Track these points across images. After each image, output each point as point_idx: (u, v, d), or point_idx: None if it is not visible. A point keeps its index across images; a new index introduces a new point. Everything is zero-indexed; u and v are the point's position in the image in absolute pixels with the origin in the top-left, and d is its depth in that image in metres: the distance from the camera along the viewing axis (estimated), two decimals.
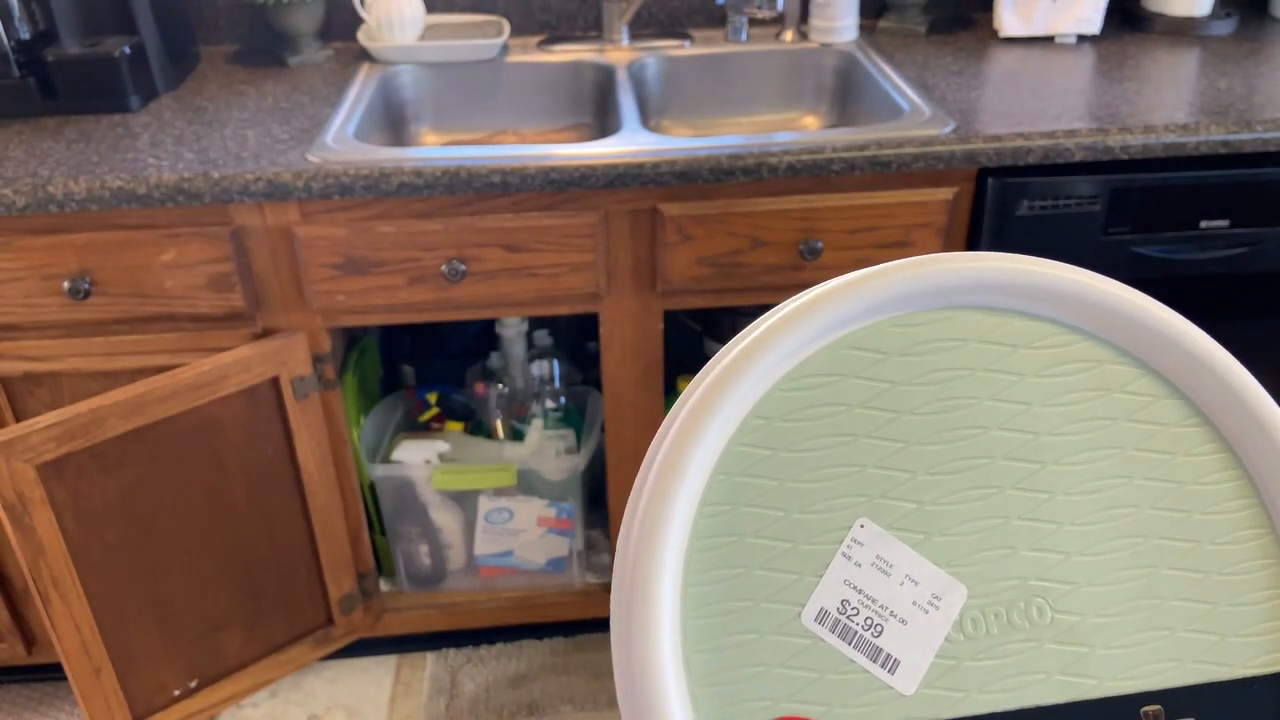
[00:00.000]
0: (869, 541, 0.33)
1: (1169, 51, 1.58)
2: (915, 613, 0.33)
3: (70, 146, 1.31)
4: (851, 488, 0.34)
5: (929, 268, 0.34)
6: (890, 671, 0.33)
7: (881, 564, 0.33)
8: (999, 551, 0.33)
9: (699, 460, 0.33)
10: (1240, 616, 0.33)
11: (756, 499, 0.33)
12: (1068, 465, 0.34)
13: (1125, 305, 0.34)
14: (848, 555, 0.33)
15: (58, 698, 1.65)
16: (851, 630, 0.33)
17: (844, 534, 0.33)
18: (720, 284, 1.35)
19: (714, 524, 0.33)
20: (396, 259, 1.30)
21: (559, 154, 1.26)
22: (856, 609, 0.33)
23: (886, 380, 0.34)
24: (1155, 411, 0.35)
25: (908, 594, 0.33)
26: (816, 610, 0.33)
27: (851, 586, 0.33)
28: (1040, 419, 0.34)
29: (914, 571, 0.33)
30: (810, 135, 1.31)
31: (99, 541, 1.27)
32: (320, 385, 1.38)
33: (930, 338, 0.34)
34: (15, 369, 1.33)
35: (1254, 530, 0.34)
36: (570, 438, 1.60)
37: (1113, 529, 0.34)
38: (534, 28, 1.73)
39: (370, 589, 1.59)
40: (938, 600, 0.33)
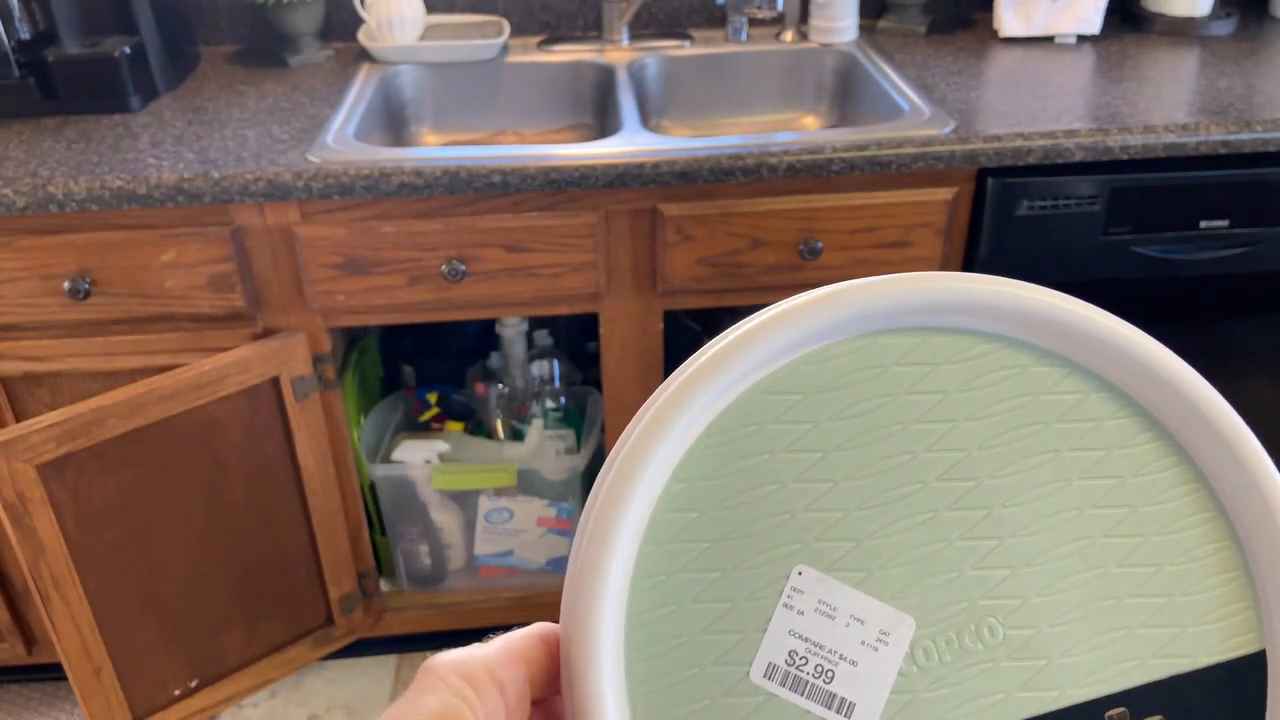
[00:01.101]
0: (809, 588, 0.32)
1: (1169, 51, 1.58)
2: (865, 652, 0.32)
3: (70, 146, 1.31)
4: (785, 536, 0.33)
5: (833, 299, 0.33)
6: (846, 715, 0.32)
7: (825, 608, 0.32)
8: (943, 576, 0.33)
9: (625, 536, 0.32)
10: (1197, 605, 0.33)
11: (690, 564, 0.32)
12: (1003, 478, 0.33)
13: (1036, 305, 0.33)
14: (789, 605, 0.32)
15: (58, 698, 1.65)
16: (802, 680, 0.32)
17: (783, 584, 0.32)
18: (720, 284, 1.35)
19: (649, 597, 0.32)
20: (396, 259, 1.30)
21: (559, 154, 1.26)
22: (805, 658, 0.32)
23: (807, 420, 0.33)
24: (1086, 409, 0.34)
25: (855, 634, 0.32)
26: (765, 666, 0.32)
27: (797, 636, 0.32)
28: (969, 434, 0.33)
29: (858, 610, 0.32)
30: (810, 135, 1.31)
31: (99, 541, 1.27)
32: (320, 385, 1.38)
33: (846, 369, 0.33)
34: (15, 369, 1.33)
35: (1201, 515, 0.33)
36: (570, 438, 1.60)
37: (1056, 535, 0.33)
38: (534, 28, 1.73)
39: (370, 589, 1.59)
40: (886, 636, 0.32)
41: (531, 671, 0.32)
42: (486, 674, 0.31)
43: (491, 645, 0.32)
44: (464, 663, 0.31)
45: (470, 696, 0.30)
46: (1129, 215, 1.34)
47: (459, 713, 0.29)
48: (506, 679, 0.31)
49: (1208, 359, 0.37)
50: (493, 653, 0.31)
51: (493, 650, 0.31)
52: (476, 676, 0.30)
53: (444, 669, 0.30)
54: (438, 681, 0.30)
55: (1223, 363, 1.51)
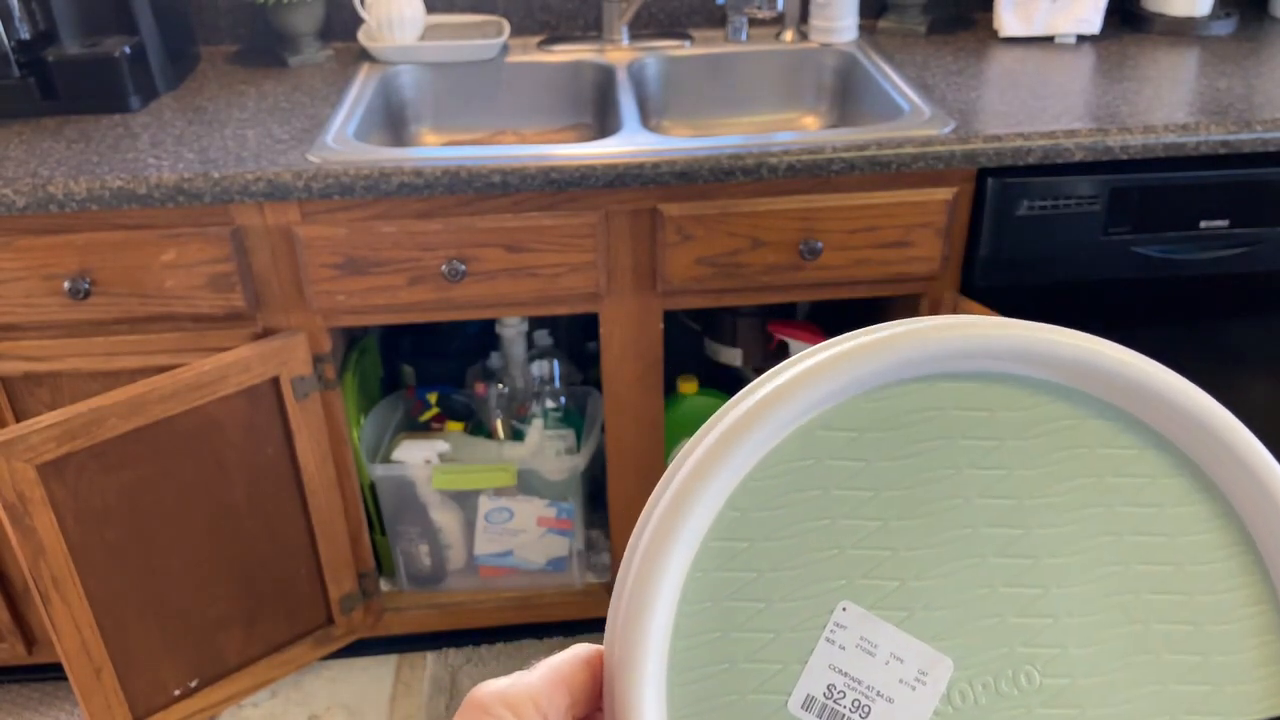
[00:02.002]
0: (852, 624, 0.33)
1: (1169, 51, 1.58)
2: (902, 690, 0.33)
3: (70, 146, 1.31)
4: (832, 571, 0.33)
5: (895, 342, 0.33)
6: None
7: (866, 645, 0.33)
8: (985, 621, 0.33)
9: (675, 561, 0.33)
10: (1233, 665, 0.33)
11: (737, 592, 0.33)
12: (1052, 528, 0.33)
13: (1099, 359, 0.33)
14: (831, 640, 0.33)
15: (58, 697, 1.65)
16: (839, 714, 0.33)
17: (826, 618, 0.33)
18: (720, 284, 1.35)
19: (695, 622, 0.33)
20: (397, 259, 1.30)
21: (559, 154, 1.26)
22: (843, 692, 0.33)
23: (861, 459, 0.34)
24: (1140, 466, 0.34)
25: (894, 672, 0.33)
26: (803, 698, 0.33)
27: (836, 670, 0.33)
28: (1021, 483, 0.34)
29: (899, 649, 0.33)
30: (810, 135, 1.31)
31: (99, 541, 1.27)
32: (320, 385, 1.38)
33: (903, 410, 0.34)
34: (15, 369, 1.33)
35: (1245, 577, 0.33)
36: (570, 438, 1.60)
37: (1101, 588, 0.33)
38: (534, 28, 1.73)
39: (370, 589, 1.59)
40: (924, 676, 0.33)
41: (574, 694, 0.33)
42: (531, 704, 0.31)
43: (535, 673, 0.32)
44: (508, 693, 0.31)
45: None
46: (1129, 215, 1.34)
47: None
48: (550, 706, 0.32)
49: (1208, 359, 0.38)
50: (536, 681, 0.32)
51: (536, 678, 0.32)
52: (522, 707, 0.31)
53: (490, 700, 0.31)
54: (483, 714, 0.31)
55: (1223, 363, 1.52)
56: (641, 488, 1.54)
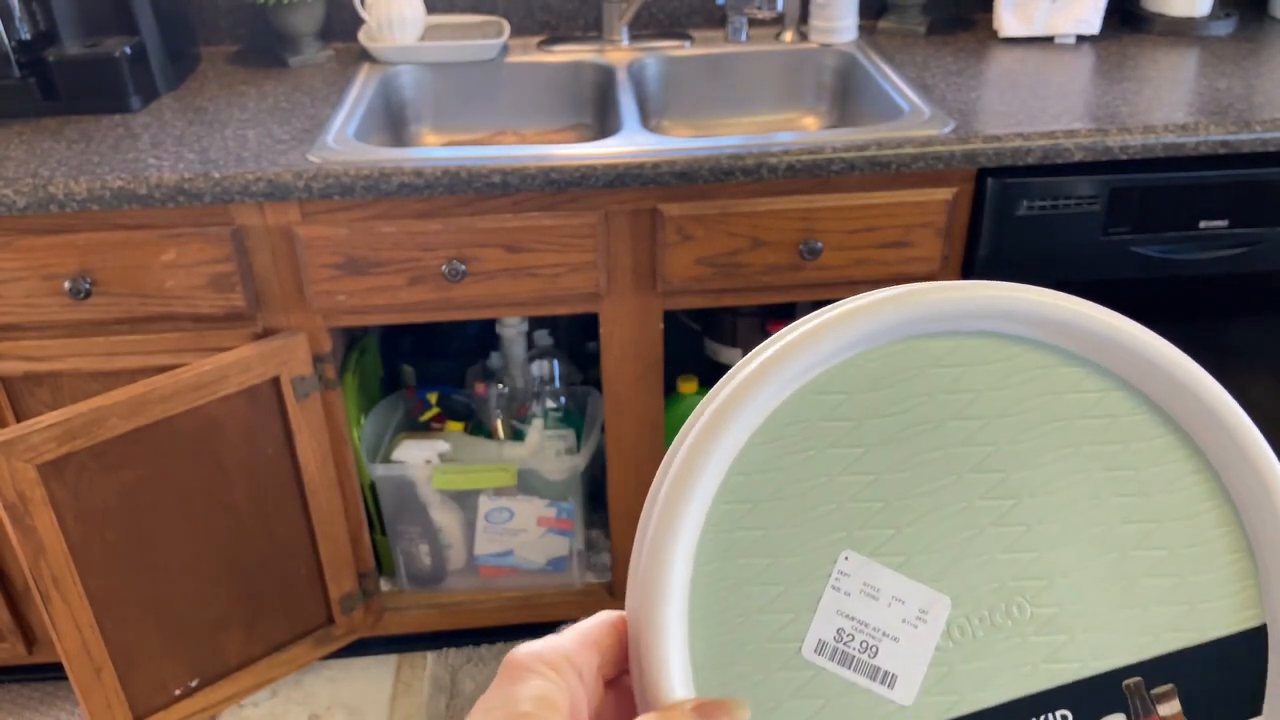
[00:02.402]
0: (854, 571, 0.36)
1: (1168, 52, 1.59)
2: (905, 629, 0.35)
3: (71, 147, 1.31)
4: (832, 524, 0.36)
5: (876, 308, 0.36)
6: (889, 687, 0.35)
7: (869, 590, 0.35)
8: (976, 560, 0.36)
9: (688, 524, 0.35)
10: (1207, 584, 0.36)
11: (746, 550, 0.36)
12: (1030, 470, 0.36)
13: (1061, 312, 0.37)
14: (837, 587, 0.35)
15: (58, 697, 1.65)
16: (849, 655, 0.35)
17: (831, 568, 0.36)
18: (720, 284, 1.35)
19: (710, 580, 0.35)
20: (397, 259, 1.30)
21: (559, 154, 1.26)
22: (851, 635, 0.35)
23: (851, 418, 0.36)
24: (1105, 406, 0.37)
25: (896, 613, 0.35)
26: (815, 643, 0.35)
27: (844, 615, 0.35)
28: (999, 430, 0.36)
29: (900, 592, 0.36)
30: (810, 135, 1.32)
31: (100, 541, 1.27)
32: (321, 385, 1.38)
33: (887, 371, 0.37)
34: (16, 369, 1.33)
35: (1209, 502, 0.36)
36: (570, 438, 1.60)
37: (1079, 521, 0.36)
38: (534, 28, 1.74)
39: (370, 588, 1.59)
40: (925, 615, 0.35)
41: (602, 655, 0.35)
42: (566, 661, 0.33)
43: (566, 635, 0.35)
44: (546, 652, 0.33)
45: (558, 682, 0.33)
46: (1129, 215, 1.34)
47: (554, 696, 0.32)
48: (583, 664, 0.34)
49: (1207, 359, 0.39)
50: (569, 642, 0.34)
51: (568, 639, 0.34)
52: (559, 664, 0.33)
53: (529, 659, 0.33)
54: (525, 671, 0.33)
55: (1223, 363, 1.51)
56: (641, 488, 1.54)
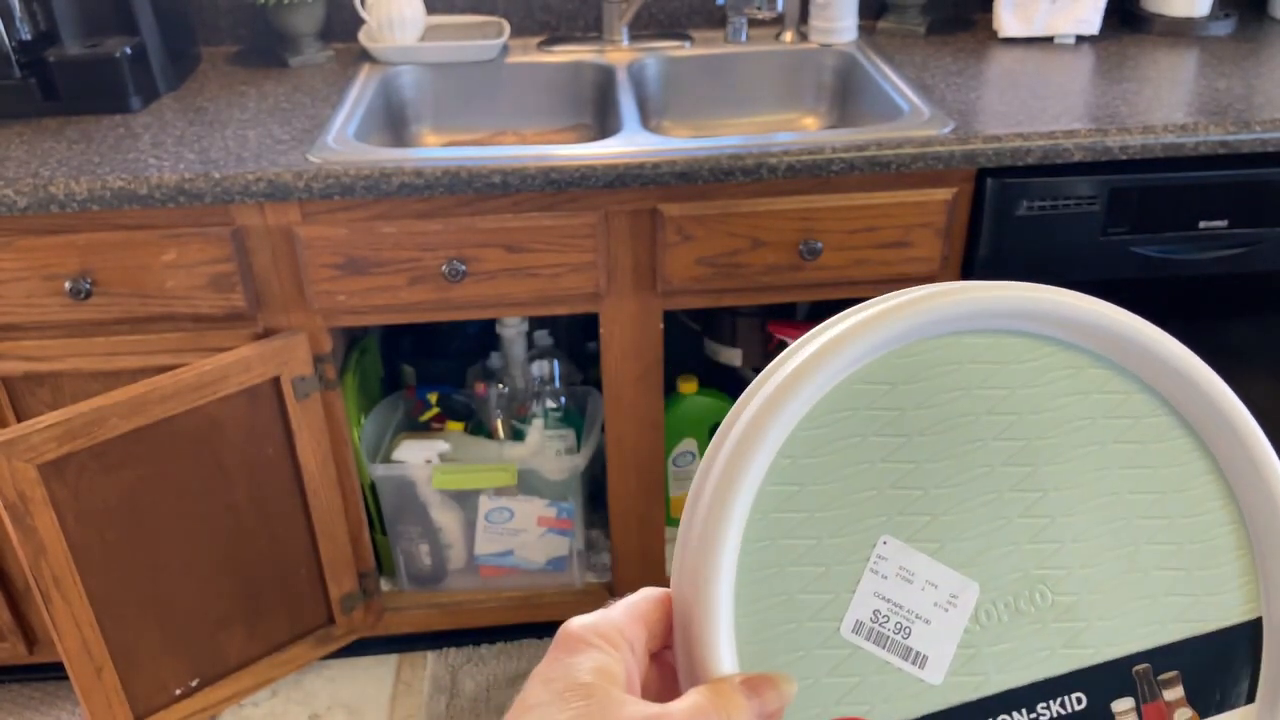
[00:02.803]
0: (891, 555, 0.38)
1: (1168, 52, 1.59)
2: (936, 612, 0.37)
3: (71, 147, 1.31)
4: (872, 510, 0.38)
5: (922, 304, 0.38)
6: (920, 667, 0.37)
7: (904, 574, 0.38)
8: (1004, 548, 0.38)
9: (739, 505, 0.37)
10: (1212, 578, 0.39)
11: (791, 531, 0.37)
12: (1057, 465, 0.38)
13: (1093, 315, 0.39)
14: (875, 570, 0.38)
15: (59, 697, 1.65)
16: (884, 635, 0.37)
17: (870, 551, 0.38)
18: (720, 284, 1.35)
19: (756, 559, 0.37)
20: (397, 259, 1.30)
21: (559, 154, 1.26)
22: (887, 616, 0.37)
23: (895, 408, 0.38)
24: (1129, 407, 0.39)
25: (929, 597, 0.38)
26: (853, 623, 0.37)
27: (880, 597, 0.37)
28: (1030, 426, 0.39)
29: (933, 577, 0.38)
30: (810, 136, 1.32)
31: (100, 541, 1.27)
32: (321, 385, 1.38)
33: (930, 364, 0.39)
34: (16, 369, 1.33)
35: (1217, 501, 0.39)
36: (570, 438, 1.60)
37: (1098, 516, 0.38)
38: (534, 28, 1.74)
39: (371, 588, 1.59)
40: (955, 599, 0.38)
41: (650, 629, 0.36)
42: (619, 634, 0.35)
43: (616, 609, 0.36)
44: (600, 625, 0.35)
45: (613, 654, 0.34)
46: (1128, 215, 1.34)
47: (612, 667, 0.34)
48: (634, 638, 0.35)
49: (1207, 359, 0.40)
50: (619, 616, 0.36)
51: (619, 613, 0.36)
52: (613, 637, 0.35)
53: (584, 632, 0.34)
54: (582, 643, 0.34)
55: (1223, 363, 1.51)
56: (641, 488, 1.54)
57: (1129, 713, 0.38)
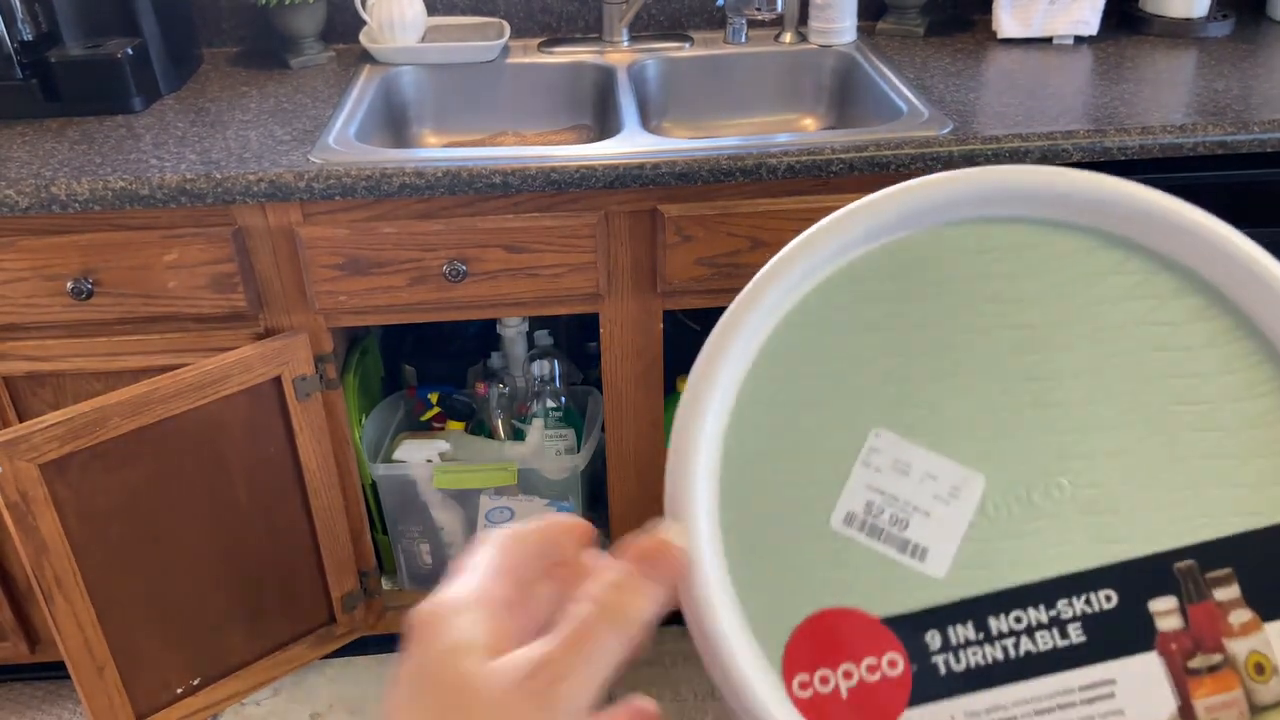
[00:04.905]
0: (886, 448, 0.36)
1: (1166, 53, 1.59)
2: (937, 505, 0.36)
3: (73, 147, 1.31)
4: (865, 403, 0.36)
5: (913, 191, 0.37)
6: (920, 560, 0.35)
7: (900, 466, 0.36)
8: (1013, 439, 0.36)
9: (719, 395, 0.36)
10: (1269, 468, 0.35)
11: (779, 423, 0.36)
12: (1071, 352, 0.36)
13: (1105, 191, 0.36)
14: (867, 463, 0.36)
15: (61, 696, 1.66)
16: (878, 528, 0.36)
17: (862, 444, 0.36)
18: (720, 284, 1.36)
19: (742, 451, 0.36)
20: (398, 259, 1.30)
21: (559, 155, 1.27)
22: (881, 509, 0.36)
23: (890, 299, 0.37)
24: (1151, 288, 0.36)
25: (928, 490, 0.36)
26: (844, 514, 0.36)
27: (874, 490, 0.36)
28: (1037, 313, 0.36)
29: (931, 469, 0.36)
30: (809, 136, 1.32)
31: (102, 540, 1.27)
32: (322, 385, 1.39)
33: (924, 255, 0.37)
34: (18, 369, 1.33)
35: (1270, 384, 0.36)
36: (570, 437, 1.61)
37: (1126, 404, 0.36)
38: (534, 29, 1.74)
39: (372, 587, 1.60)
40: (957, 491, 0.36)
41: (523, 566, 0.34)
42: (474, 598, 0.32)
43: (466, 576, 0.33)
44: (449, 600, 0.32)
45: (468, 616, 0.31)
46: None
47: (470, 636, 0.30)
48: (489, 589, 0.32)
49: None
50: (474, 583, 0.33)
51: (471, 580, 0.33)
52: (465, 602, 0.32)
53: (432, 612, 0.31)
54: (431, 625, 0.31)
55: None
56: (641, 488, 1.55)
57: (1171, 613, 0.35)
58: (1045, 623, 0.35)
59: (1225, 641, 0.34)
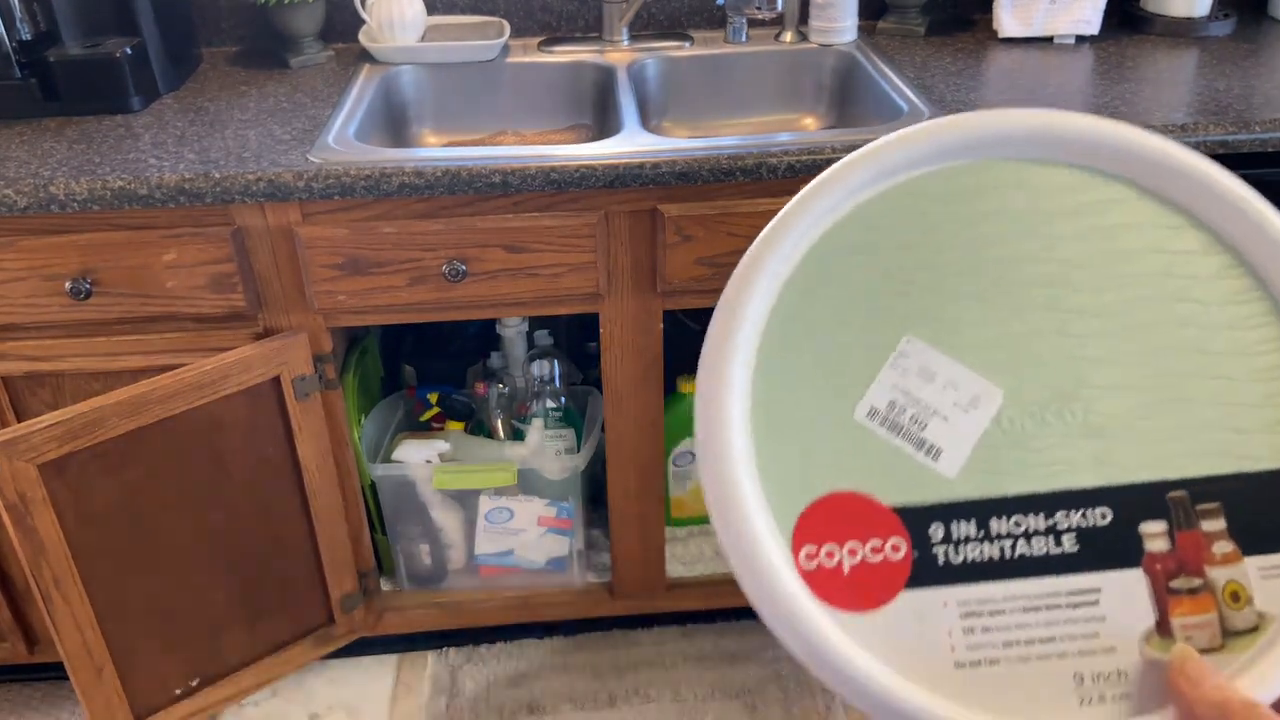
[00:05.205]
0: (914, 354, 0.39)
1: (1167, 52, 1.59)
2: (955, 411, 0.39)
3: (72, 147, 1.31)
4: (900, 309, 0.39)
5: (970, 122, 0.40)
6: (934, 459, 0.38)
7: (925, 372, 0.39)
8: (1033, 362, 0.39)
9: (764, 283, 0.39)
10: (1264, 419, 0.38)
11: (818, 317, 0.39)
12: (1099, 292, 0.39)
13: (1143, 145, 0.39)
14: (895, 366, 0.39)
15: (59, 697, 1.65)
16: (899, 424, 0.39)
17: (893, 348, 0.39)
18: (720, 284, 1.34)
19: (780, 335, 0.39)
20: (397, 259, 1.30)
21: (559, 154, 1.27)
22: (903, 408, 0.39)
23: (933, 221, 0.39)
24: (1181, 242, 0.39)
25: (949, 397, 0.39)
26: (868, 408, 0.39)
27: (899, 390, 0.39)
28: (1071, 251, 0.39)
29: (954, 378, 0.39)
30: (810, 136, 1.32)
31: (100, 541, 1.27)
32: (321, 385, 1.39)
33: (969, 185, 0.39)
34: (17, 369, 1.33)
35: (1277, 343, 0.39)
36: (570, 437, 1.60)
37: (1143, 345, 0.38)
38: (534, 29, 1.74)
39: (371, 588, 1.60)
40: (977, 402, 0.39)
41: None
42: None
43: None
44: None
45: None
46: None
47: None
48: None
49: None
50: None
51: None
52: None
53: None
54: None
55: None
56: (641, 488, 1.54)
57: (1160, 535, 0.38)
58: (1042, 530, 0.37)
59: (1207, 568, 0.37)
